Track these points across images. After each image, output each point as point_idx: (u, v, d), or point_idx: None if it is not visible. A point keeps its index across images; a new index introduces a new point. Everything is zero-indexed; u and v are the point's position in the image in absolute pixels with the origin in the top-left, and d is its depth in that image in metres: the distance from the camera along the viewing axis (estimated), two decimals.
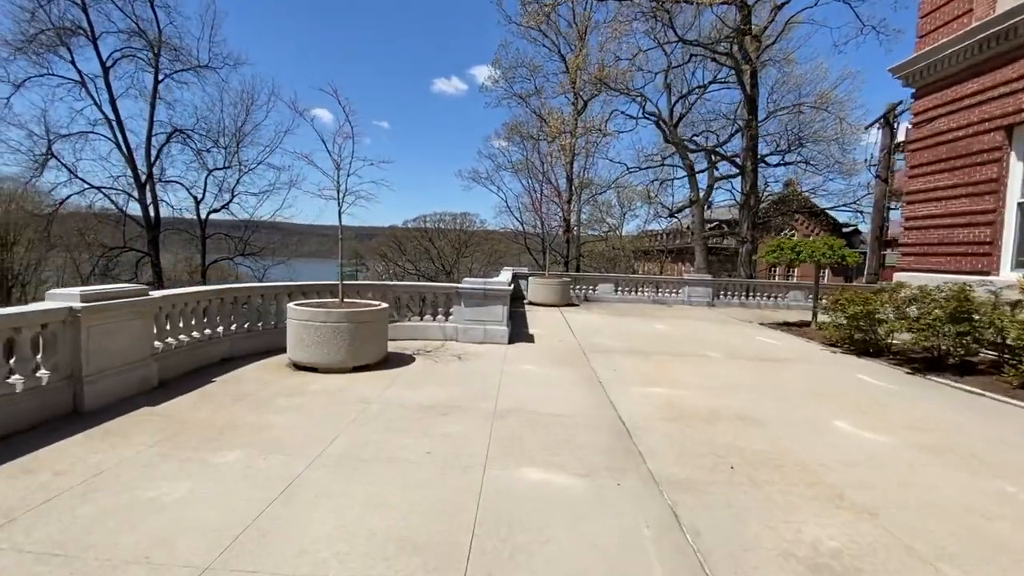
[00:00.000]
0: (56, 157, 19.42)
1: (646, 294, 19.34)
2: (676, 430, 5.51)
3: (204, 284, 22.96)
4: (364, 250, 79.75)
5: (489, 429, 5.29)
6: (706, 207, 32.55)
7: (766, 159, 24.98)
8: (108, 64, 18.34)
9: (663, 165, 29.65)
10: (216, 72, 21.71)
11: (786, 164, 30.51)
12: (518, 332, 11.40)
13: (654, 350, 10.17)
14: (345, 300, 8.37)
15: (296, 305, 7.51)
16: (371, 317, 7.60)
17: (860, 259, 20.32)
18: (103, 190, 20.25)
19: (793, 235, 46.38)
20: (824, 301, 12.25)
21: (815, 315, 13.96)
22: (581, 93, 29.12)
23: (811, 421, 6.05)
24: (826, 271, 52.08)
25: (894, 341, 10.49)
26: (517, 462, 4.49)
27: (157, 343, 6.66)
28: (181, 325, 7.19)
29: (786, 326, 14.27)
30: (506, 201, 39.07)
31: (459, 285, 9.95)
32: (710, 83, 30.13)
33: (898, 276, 12.02)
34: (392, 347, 9.15)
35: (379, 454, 4.56)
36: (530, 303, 17.10)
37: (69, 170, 19.84)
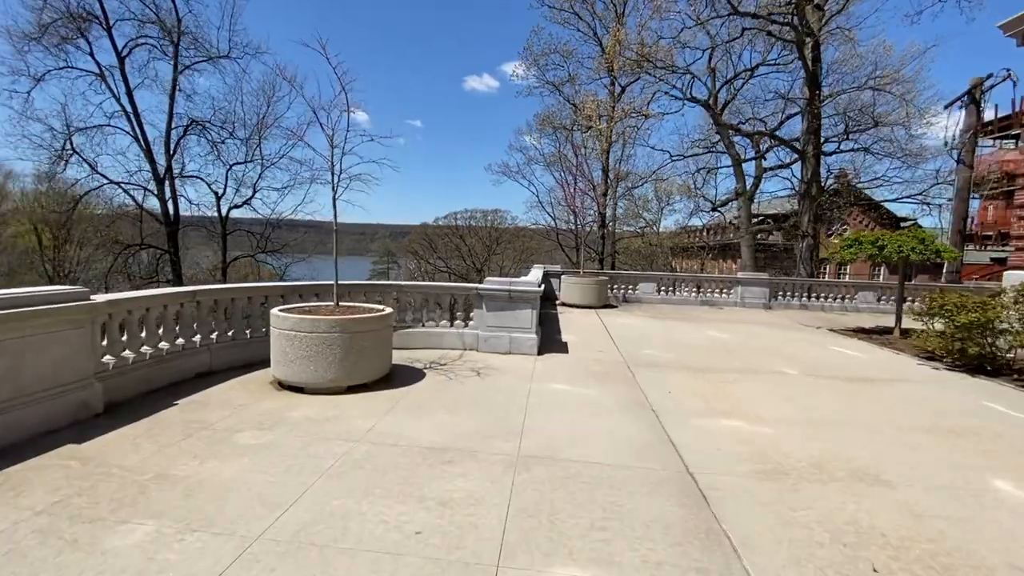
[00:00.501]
0: (78, 153, 18.98)
1: (692, 294, 17.47)
2: (773, 495, 3.90)
3: (224, 282, 22.17)
4: (397, 248, 79.68)
5: (508, 490, 3.82)
6: (753, 200, 30.18)
7: (822, 146, 22.50)
8: (124, 54, 17.76)
9: (711, 151, 27.48)
10: (236, 62, 20.91)
11: (842, 151, 27.78)
12: (549, 340, 9.89)
13: (713, 365, 8.48)
14: (341, 304, 7.06)
15: (280, 311, 6.23)
16: (370, 325, 6.25)
17: (958, 256, 17.77)
18: (122, 185, 19.79)
19: (845, 230, 43.13)
20: (915, 304, 10.25)
21: (899, 320, 11.88)
22: (619, 77, 27.24)
23: (959, 479, 4.32)
24: (881, 268, 48.42)
25: (1016, 355, 8.48)
26: (546, 556, 3.00)
27: (108, 357, 5.48)
28: (144, 335, 6.01)
29: (863, 333, 12.24)
30: (537, 196, 37.49)
31: (480, 286, 8.52)
32: (758, 65, 27.68)
33: (1014, 274, 9.89)
34: (403, 358, 7.80)
35: (346, 535, 3.16)
36: (563, 304, 15.54)
37: (90, 165, 19.36)
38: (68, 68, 18.44)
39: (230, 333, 7.21)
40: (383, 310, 6.79)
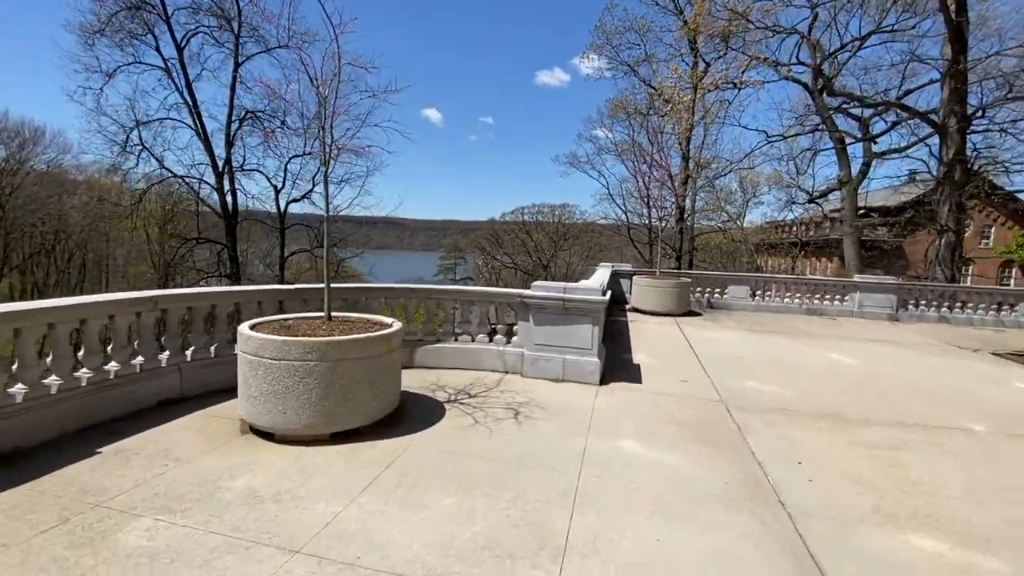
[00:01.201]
0: (147, 149, 19.03)
1: (795, 301, 14.46)
2: None
3: (282, 278, 21.73)
4: (466, 244, 79.45)
5: None
6: (859, 190, 25.90)
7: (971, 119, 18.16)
8: (182, 44, 17.49)
9: (818, 130, 23.72)
10: (294, 52, 20.25)
11: (973, 132, 22.80)
12: (616, 361, 7.77)
13: (852, 410, 5.98)
14: (338, 317, 5.38)
15: (248, 327, 4.63)
16: (362, 349, 4.51)
17: None
18: (186, 179, 19.74)
19: (969, 225, 36.70)
20: None
21: None
22: (703, 52, 24.15)
23: None
24: (1013, 270, 40.95)
25: None
26: None
27: (18, 387, 4.13)
28: (82, 355, 4.64)
29: None
30: (607, 188, 34.77)
31: (526, 292, 6.59)
32: (870, 34, 23.43)
33: None
34: (426, 382, 6.05)
35: None
36: (634, 310, 13.25)
37: (157, 160, 19.37)
38: (136, 63, 18.47)
39: (212, 349, 5.79)
40: (388, 327, 5.04)
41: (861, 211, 36.64)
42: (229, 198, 20.02)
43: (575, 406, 5.65)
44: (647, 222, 34.36)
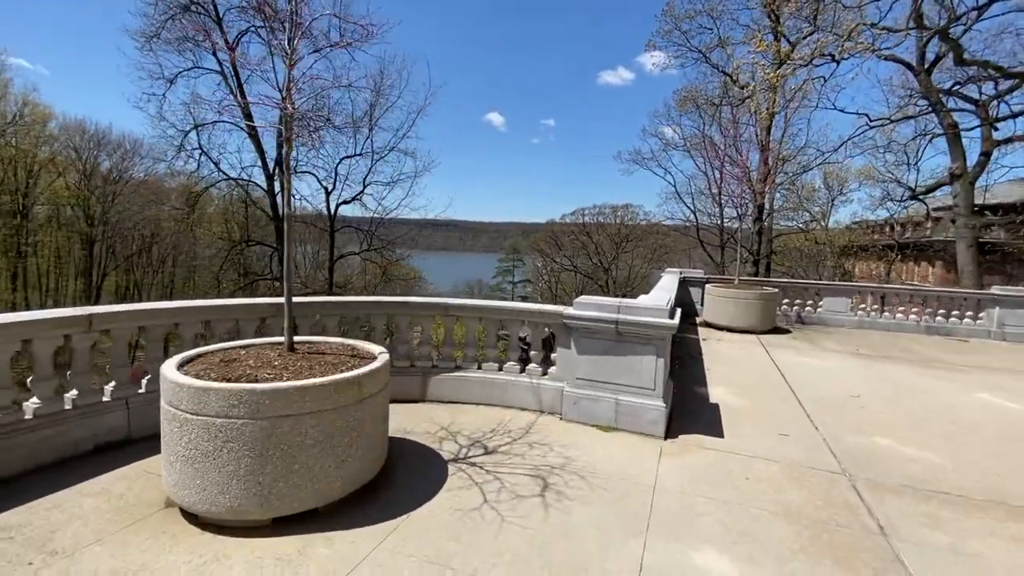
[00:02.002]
0: (205, 152, 19.18)
1: (912, 317, 11.83)
2: None
3: (330, 284, 21.33)
4: (526, 246, 78.27)
5: None
6: (976, 184, 22.04)
7: None
8: (233, 45, 17.36)
9: (933, 111, 20.42)
10: (347, 52, 19.82)
11: None
12: (685, 396, 6.03)
13: None
14: (303, 344, 4.08)
15: (178, 366, 3.41)
16: (320, 399, 3.17)
17: None
18: (239, 181, 19.74)
19: None
20: None
21: None
22: (786, 31, 21.41)
23: None
24: None
25: None
26: None
27: None
28: None
29: None
30: (675, 186, 32.13)
31: (567, 310, 5.04)
32: (992, 1, 19.68)
33: None
34: (439, 423, 4.67)
35: None
36: (707, 325, 11.27)
37: (214, 163, 19.46)
38: (195, 68, 18.63)
39: None
40: (368, 360, 3.67)
41: (977, 208, 31.78)
42: (279, 200, 19.81)
43: (629, 477, 4.03)
44: (719, 222, 31.57)
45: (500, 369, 5.57)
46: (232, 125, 19.63)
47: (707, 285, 11.61)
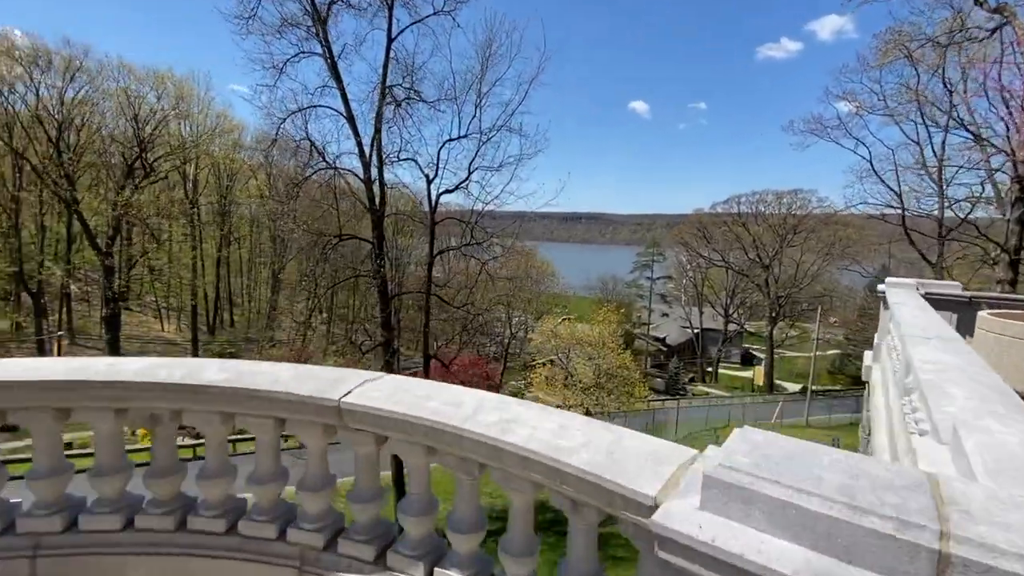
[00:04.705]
0: (312, 142, 18.15)
1: None
2: None
3: (428, 280, 19.29)
4: (668, 239, 70.72)
5: None
6: None
7: None
8: (324, 17, 15.82)
9: None
10: (449, 15, 17.31)
11: None
12: None
13: None
14: None
15: None
16: None
17: None
18: (340, 171, 18.46)
19: None
20: None
21: None
22: None
23: None
24: None
25: None
26: None
27: None
28: None
29: None
30: (870, 160, 24.32)
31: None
32: None
33: None
34: None
35: None
36: None
37: (317, 149, 18.41)
38: (300, 54, 17.59)
39: None
40: None
41: None
42: (376, 189, 18.02)
43: None
44: (938, 207, 23.28)
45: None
46: (332, 111, 18.21)
47: (981, 313, 6.36)
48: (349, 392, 1.95)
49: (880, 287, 6.00)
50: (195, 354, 40.69)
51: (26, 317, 35.21)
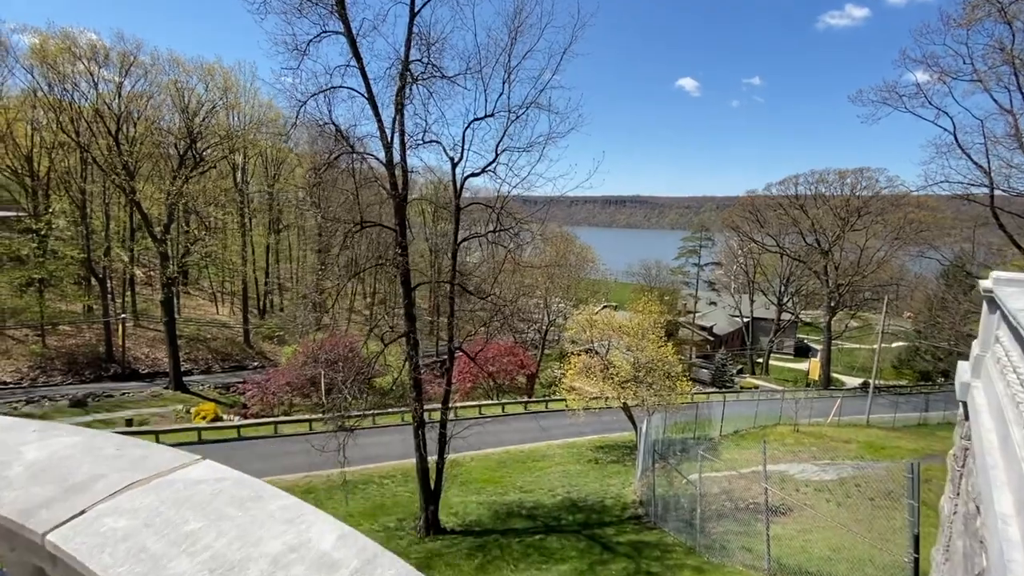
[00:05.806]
0: (336, 126, 17.80)
1: None
2: None
3: (453, 269, 18.80)
4: (717, 222, 67.05)
5: None
6: None
7: None
8: None
9: None
10: None
11: None
12: None
13: None
14: None
15: None
16: None
17: None
18: (363, 155, 18.07)
19: None
20: None
21: None
22: None
23: None
24: None
25: None
26: None
27: None
28: None
29: None
30: (953, 134, 21.57)
31: None
32: None
33: None
34: None
35: None
36: None
37: (340, 132, 18.02)
38: (322, 33, 17.15)
39: None
40: None
41: None
42: (399, 173, 17.43)
43: None
44: None
45: None
46: (353, 91, 17.64)
47: None
48: (81, 513, 1.02)
49: (984, 284, 4.80)
50: (246, 337, 42.37)
51: (96, 300, 37.57)
